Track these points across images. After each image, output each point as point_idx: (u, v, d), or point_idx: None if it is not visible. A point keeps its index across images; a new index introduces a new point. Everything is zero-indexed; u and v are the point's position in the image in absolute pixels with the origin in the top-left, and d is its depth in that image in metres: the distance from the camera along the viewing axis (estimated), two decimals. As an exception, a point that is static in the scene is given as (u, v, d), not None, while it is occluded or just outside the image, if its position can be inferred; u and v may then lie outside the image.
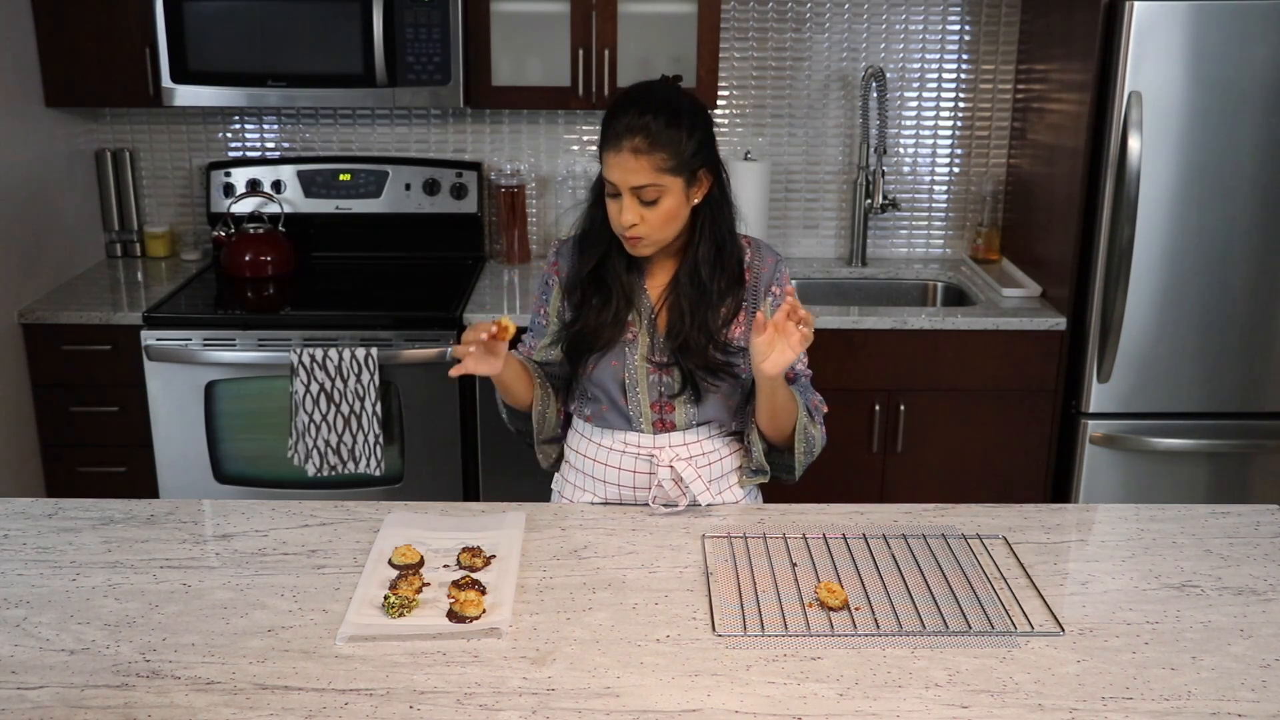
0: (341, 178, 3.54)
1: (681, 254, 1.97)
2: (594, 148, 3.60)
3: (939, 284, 3.56)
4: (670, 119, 1.85)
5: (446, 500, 2.72)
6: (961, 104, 3.60)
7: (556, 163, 3.65)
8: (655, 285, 2.00)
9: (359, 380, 3.00)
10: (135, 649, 1.52)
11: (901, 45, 3.55)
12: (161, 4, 3.09)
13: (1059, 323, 3.08)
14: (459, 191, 3.54)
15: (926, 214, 3.70)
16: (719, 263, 1.95)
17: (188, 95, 3.19)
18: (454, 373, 1.84)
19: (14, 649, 1.52)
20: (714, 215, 1.95)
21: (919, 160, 3.66)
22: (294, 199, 3.55)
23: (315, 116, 3.61)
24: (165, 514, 1.91)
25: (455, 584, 1.66)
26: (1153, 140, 2.85)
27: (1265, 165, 2.88)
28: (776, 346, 1.80)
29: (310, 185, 3.54)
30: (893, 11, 3.53)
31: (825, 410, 2.03)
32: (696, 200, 1.92)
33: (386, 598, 1.60)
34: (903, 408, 3.14)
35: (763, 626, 1.59)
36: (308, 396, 3.00)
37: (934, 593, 1.67)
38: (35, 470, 3.18)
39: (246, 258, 3.41)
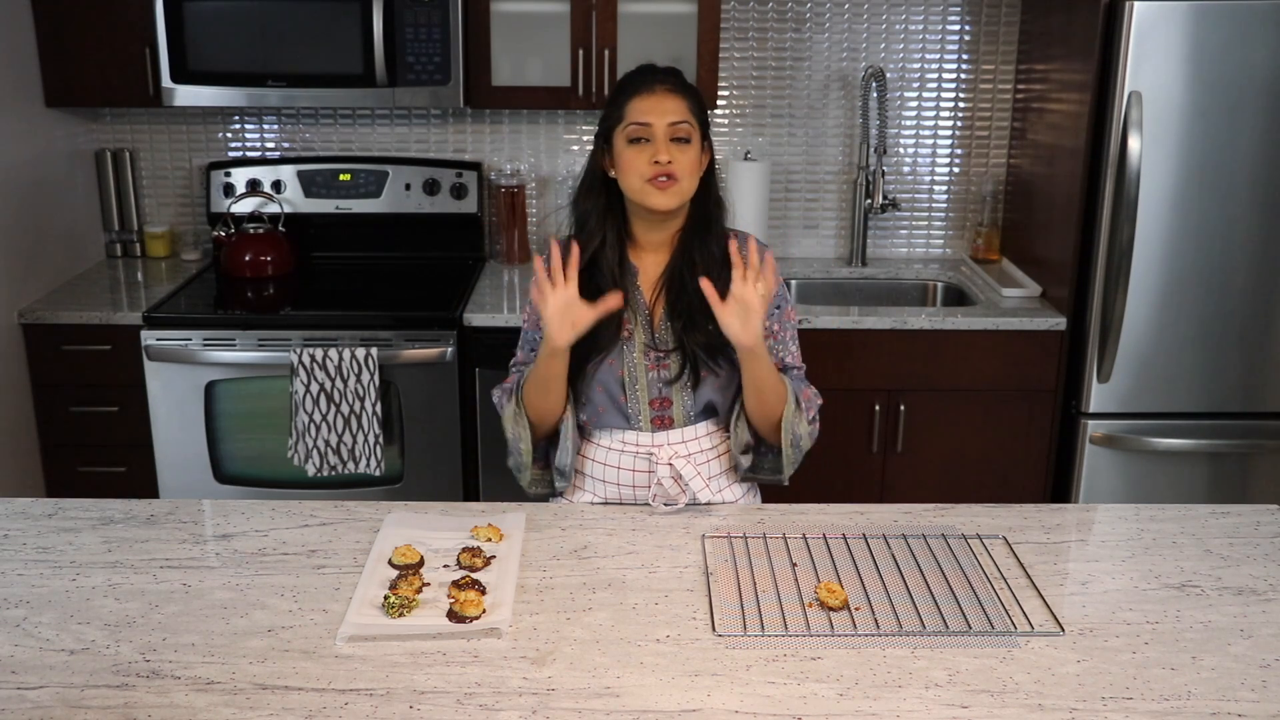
0: (341, 178, 3.54)
1: (674, 238, 1.99)
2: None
3: (939, 284, 3.56)
4: (685, 80, 1.97)
5: (446, 500, 2.72)
6: (961, 104, 3.60)
7: (556, 163, 3.65)
8: (647, 280, 2.00)
9: (359, 380, 3.00)
10: (135, 649, 1.52)
11: (901, 45, 3.55)
12: (161, 4, 3.09)
13: (1059, 323, 3.08)
14: (459, 191, 3.54)
15: (926, 214, 3.70)
16: (715, 233, 1.98)
17: (188, 95, 3.19)
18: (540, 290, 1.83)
19: (14, 649, 1.52)
20: (710, 186, 2.00)
21: (919, 160, 3.66)
22: (294, 199, 3.55)
23: (315, 116, 3.61)
24: (165, 514, 1.91)
25: (455, 584, 1.66)
26: (1153, 140, 2.85)
27: (1265, 165, 2.88)
28: (740, 312, 1.82)
29: (310, 185, 3.54)
30: (893, 11, 3.53)
31: (820, 403, 2.02)
32: (701, 171, 1.96)
33: (386, 598, 1.60)
34: (903, 408, 3.14)
35: (763, 626, 1.59)
36: (308, 396, 3.00)
37: (934, 593, 1.67)
38: (35, 470, 3.18)
39: (246, 258, 3.41)
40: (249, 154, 3.65)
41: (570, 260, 1.85)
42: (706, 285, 1.83)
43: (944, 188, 3.68)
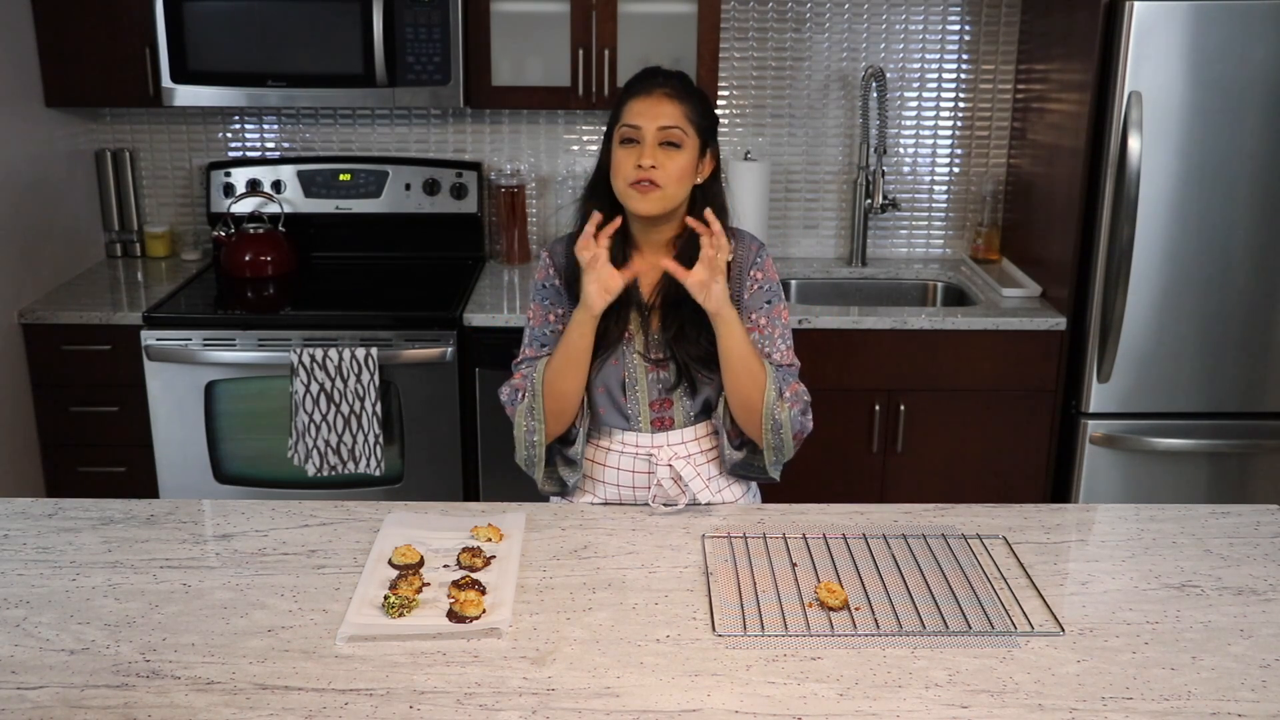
0: (341, 178, 3.54)
1: (674, 243, 1.98)
2: (594, 148, 3.61)
3: (939, 284, 3.56)
4: (691, 86, 1.96)
5: (446, 500, 2.72)
6: (961, 104, 3.60)
7: (556, 163, 3.65)
8: (647, 283, 2.00)
9: (359, 380, 3.00)
10: (135, 649, 1.52)
11: (901, 45, 3.55)
12: (161, 4, 3.09)
13: (1059, 323, 3.08)
14: (459, 191, 3.54)
15: (926, 214, 3.70)
16: None
17: (188, 95, 3.19)
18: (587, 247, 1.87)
19: (14, 649, 1.52)
20: (713, 203, 1.95)
21: (919, 160, 3.66)
22: (294, 199, 3.55)
23: (315, 116, 3.61)
24: (165, 514, 1.91)
25: (455, 584, 1.66)
26: (1153, 140, 2.85)
27: (1265, 165, 2.88)
28: (703, 275, 1.84)
29: (310, 185, 3.54)
30: (893, 11, 3.53)
31: (809, 399, 1.98)
32: (701, 178, 1.95)
33: (386, 598, 1.60)
34: (903, 408, 3.14)
35: (763, 626, 1.59)
36: (308, 396, 3.00)
37: (934, 593, 1.67)
38: (35, 470, 3.18)
39: (246, 258, 3.41)
40: (249, 154, 3.65)
41: (607, 226, 1.88)
42: (670, 264, 1.86)
43: (944, 188, 3.68)
